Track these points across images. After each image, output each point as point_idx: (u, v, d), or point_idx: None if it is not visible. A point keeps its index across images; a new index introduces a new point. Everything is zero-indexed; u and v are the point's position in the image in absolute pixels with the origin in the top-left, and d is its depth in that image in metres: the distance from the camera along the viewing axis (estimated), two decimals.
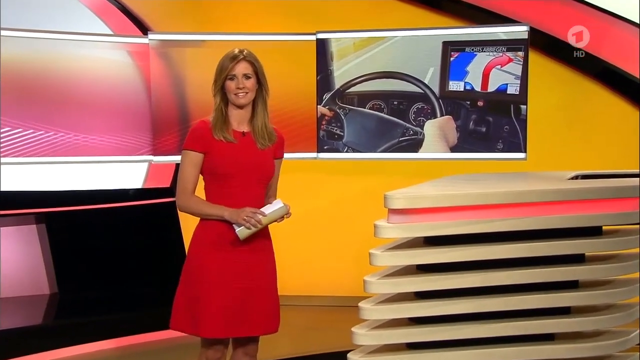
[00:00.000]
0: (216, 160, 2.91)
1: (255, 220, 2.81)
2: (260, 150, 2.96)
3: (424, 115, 5.34)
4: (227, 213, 2.86)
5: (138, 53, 5.27)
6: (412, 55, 5.31)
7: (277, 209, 2.82)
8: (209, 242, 2.91)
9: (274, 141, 3.01)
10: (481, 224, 3.04)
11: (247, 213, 2.82)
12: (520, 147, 5.17)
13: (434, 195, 3.15)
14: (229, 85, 2.93)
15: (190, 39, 5.33)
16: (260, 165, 2.95)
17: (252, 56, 2.96)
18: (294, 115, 5.43)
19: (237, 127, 2.97)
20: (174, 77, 5.34)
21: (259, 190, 2.96)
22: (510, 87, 5.18)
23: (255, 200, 2.89)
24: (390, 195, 3.16)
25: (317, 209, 5.77)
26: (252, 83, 2.94)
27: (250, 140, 2.96)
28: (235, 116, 2.97)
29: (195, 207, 2.92)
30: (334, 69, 5.43)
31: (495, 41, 5.19)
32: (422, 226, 3.14)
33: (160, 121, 5.30)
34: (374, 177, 5.61)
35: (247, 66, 2.94)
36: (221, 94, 2.95)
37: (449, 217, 3.08)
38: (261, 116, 2.98)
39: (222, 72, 2.93)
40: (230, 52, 2.95)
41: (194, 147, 2.93)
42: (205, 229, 2.94)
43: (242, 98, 2.93)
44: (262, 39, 5.32)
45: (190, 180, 2.93)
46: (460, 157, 5.29)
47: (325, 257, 5.77)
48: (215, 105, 2.95)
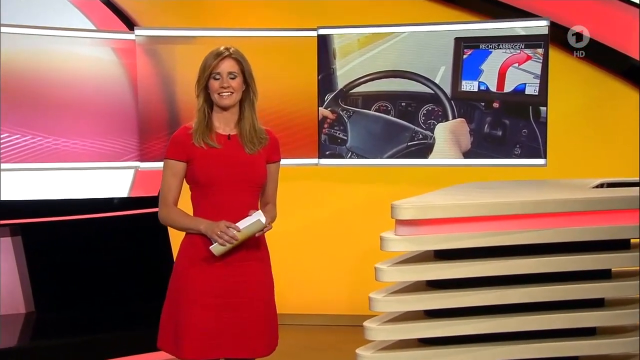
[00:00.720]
0: (198, 168, 2.90)
1: (229, 236, 2.80)
2: (249, 154, 2.94)
3: (434, 117, 5.33)
4: (203, 226, 2.86)
5: (123, 50, 5.27)
6: (422, 52, 5.30)
7: (253, 224, 2.80)
8: (194, 256, 2.90)
9: (264, 144, 2.99)
10: (497, 237, 3.03)
11: (221, 228, 2.81)
12: (540, 152, 5.15)
13: (445, 205, 3.14)
14: (213, 84, 2.92)
15: (180, 34, 5.33)
16: (249, 171, 2.93)
17: (238, 54, 2.95)
18: (293, 118, 5.42)
19: (222, 131, 2.96)
20: (162, 76, 5.33)
21: (250, 198, 2.94)
22: (529, 87, 5.17)
23: (246, 210, 2.87)
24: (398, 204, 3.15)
25: (317, 219, 5.76)
26: (238, 83, 2.93)
27: (237, 144, 2.95)
28: (219, 119, 2.96)
29: (175, 219, 2.93)
30: (336, 67, 5.42)
31: (513, 37, 5.18)
32: (432, 238, 3.14)
33: (147, 124, 5.29)
34: (380, 185, 5.59)
35: (232, 64, 2.93)
36: (204, 94, 2.94)
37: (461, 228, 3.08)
38: (249, 118, 2.96)
39: (205, 70, 2.92)
40: (215, 49, 2.94)
41: (174, 155, 2.93)
42: (190, 243, 2.93)
43: (227, 99, 2.91)
44: (258, 35, 5.31)
45: (171, 191, 2.93)
46: (474, 163, 5.27)
47: (326, 272, 5.76)
48: (198, 107, 2.95)
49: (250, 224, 2.81)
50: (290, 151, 5.34)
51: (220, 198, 2.90)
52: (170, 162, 2.93)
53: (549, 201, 3.12)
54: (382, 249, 3.30)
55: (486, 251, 3.11)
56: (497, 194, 3.44)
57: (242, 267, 2.91)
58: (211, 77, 2.91)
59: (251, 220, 2.82)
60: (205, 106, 2.94)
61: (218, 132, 2.95)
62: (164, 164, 2.96)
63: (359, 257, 5.47)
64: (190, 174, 2.92)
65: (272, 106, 5.29)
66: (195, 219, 2.90)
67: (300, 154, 5.44)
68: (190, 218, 2.91)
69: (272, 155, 3.03)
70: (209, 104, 2.95)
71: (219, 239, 2.81)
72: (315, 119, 5.47)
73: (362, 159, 5.46)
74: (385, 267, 3.22)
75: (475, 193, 3.55)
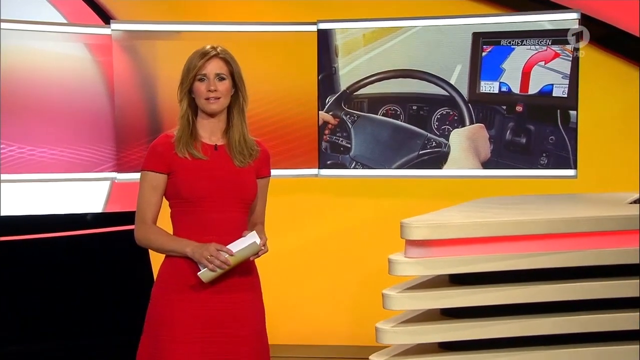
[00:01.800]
0: (181, 182, 2.89)
1: (220, 261, 2.78)
2: (238, 167, 2.94)
3: (449, 123, 5.32)
4: (189, 249, 2.84)
5: (98, 46, 5.27)
6: (435, 49, 5.29)
7: (248, 246, 2.78)
8: (177, 283, 2.88)
9: (255, 156, 2.98)
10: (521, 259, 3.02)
11: (212, 251, 2.79)
12: (569, 162, 5.14)
13: (462, 223, 3.13)
14: (198, 87, 2.92)
15: (162, 29, 5.32)
16: (239, 186, 2.92)
17: (227, 54, 2.95)
18: (290, 124, 5.42)
19: (207, 140, 2.95)
20: (142, 76, 5.33)
21: (238, 216, 2.93)
22: (557, 88, 5.16)
23: (235, 229, 2.86)
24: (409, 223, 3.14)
25: (316, 239, 5.75)
26: (227, 86, 2.93)
27: (224, 156, 2.94)
28: (205, 126, 2.96)
29: (155, 240, 2.91)
30: (338, 66, 5.42)
31: (538, 32, 5.17)
32: (447, 261, 3.13)
33: (125, 130, 5.29)
34: (388, 199, 5.58)
35: (220, 65, 2.92)
36: (188, 98, 2.94)
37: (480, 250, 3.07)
38: (238, 126, 2.96)
39: (189, 72, 2.92)
40: (201, 48, 2.94)
41: (154, 166, 2.91)
42: (172, 267, 2.91)
43: (214, 103, 2.91)
44: (250, 30, 5.31)
45: (150, 208, 2.92)
46: (495, 174, 5.26)
47: (326, 299, 5.74)
48: (181, 113, 2.94)
49: (244, 247, 2.79)
50: (287, 161, 5.33)
51: (206, 216, 2.88)
52: (149, 175, 2.92)
53: (580, 219, 3.10)
54: (390, 272, 3.29)
55: (509, 276, 3.09)
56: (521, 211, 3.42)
57: (232, 295, 2.90)
58: (196, 79, 2.91)
59: (245, 242, 2.80)
60: (189, 112, 2.94)
61: (204, 142, 2.94)
62: (141, 177, 2.94)
63: (363, 282, 5.46)
64: (172, 188, 2.91)
65: (265, 110, 5.29)
66: (180, 240, 2.88)
67: (297, 163, 5.43)
68: (174, 239, 2.89)
69: (263, 169, 3.02)
70: (193, 110, 2.95)
71: (208, 263, 2.79)
72: (314, 124, 5.46)
73: (367, 170, 5.45)
74: (394, 293, 3.21)
75: (496, 209, 3.54)
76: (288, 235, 5.52)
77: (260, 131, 5.14)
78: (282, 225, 5.39)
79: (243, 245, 2.79)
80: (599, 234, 3.10)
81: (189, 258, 2.85)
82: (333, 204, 5.76)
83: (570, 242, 3.08)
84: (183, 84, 2.93)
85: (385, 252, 3.48)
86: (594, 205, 3.55)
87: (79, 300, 5.41)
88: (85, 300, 5.42)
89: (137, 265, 5.35)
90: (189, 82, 2.91)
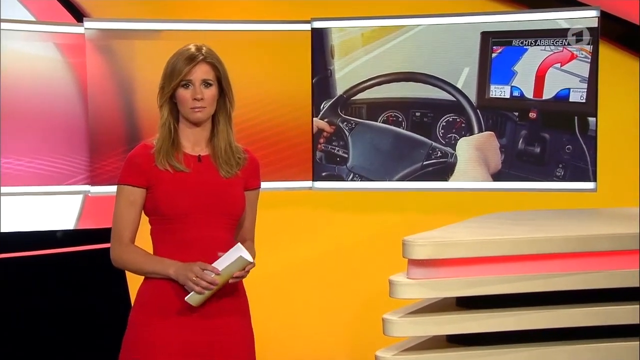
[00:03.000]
0: (161, 197, 2.89)
1: (206, 282, 2.78)
2: (225, 179, 2.94)
3: (456, 130, 5.32)
4: (173, 270, 2.84)
5: (70, 46, 5.25)
6: (441, 50, 5.30)
7: (234, 263, 2.78)
8: (158, 307, 2.88)
9: (242, 166, 2.99)
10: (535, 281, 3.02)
11: (197, 272, 2.79)
12: (588, 174, 5.14)
13: (470, 241, 3.14)
14: (182, 95, 2.92)
15: (140, 27, 5.32)
16: (225, 200, 2.92)
17: (213, 56, 2.95)
18: (281, 132, 5.41)
19: (190, 150, 2.96)
20: (118, 79, 5.32)
21: (225, 233, 2.93)
22: (574, 92, 5.17)
23: (222, 248, 2.86)
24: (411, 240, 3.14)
25: (310, 257, 5.74)
26: (213, 92, 2.93)
27: (209, 167, 2.95)
28: (188, 136, 2.96)
29: (133, 261, 2.91)
30: (334, 68, 5.42)
31: (554, 31, 5.18)
32: (454, 283, 3.13)
33: (99, 138, 5.27)
34: (389, 214, 5.58)
35: (207, 70, 2.93)
36: (170, 105, 2.94)
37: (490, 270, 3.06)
38: (224, 135, 2.96)
39: (173, 77, 2.91)
40: (185, 50, 2.93)
41: (131, 180, 2.91)
42: (152, 289, 2.91)
43: (200, 112, 2.91)
44: (238, 29, 5.30)
45: (127, 225, 2.92)
46: (506, 187, 5.25)
47: (321, 324, 5.73)
48: (162, 121, 2.94)
49: (230, 263, 2.79)
50: (277, 172, 5.33)
51: (190, 234, 2.89)
52: (125, 189, 2.92)
53: (600, 237, 3.11)
54: (391, 295, 3.28)
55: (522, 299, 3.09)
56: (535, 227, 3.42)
57: (221, 321, 2.90)
58: (180, 85, 2.91)
59: (231, 258, 2.80)
60: (171, 119, 2.94)
61: (186, 152, 2.95)
62: (117, 191, 2.94)
63: (362, 306, 5.45)
64: (151, 204, 2.91)
65: (254, 117, 5.29)
66: (161, 260, 2.88)
67: (289, 175, 5.43)
68: (155, 260, 2.89)
69: (252, 180, 3.03)
70: (175, 117, 2.95)
71: (195, 286, 2.79)
72: (308, 132, 5.46)
73: (366, 182, 5.45)
74: (396, 318, 3.21)
75: (507, 226, 3.54)
76: (279, 254, 5.52)
77: (248, 139, 5.13)
78: (272, 242, 5.38)
79: (229, 262, 2.79)
80: (620, 253, 3.11)
81: (172, 279, 2.85)
82: (328, 220, 5.75)
83: (589, 261, 3.09)
84: (164, 89, 2.93)
85: (386, 272, 3.48)
86: (615, 221, 3.55)
87: (47, 327, 5.39)
88: (54, 326, 5.40)
89: (112, 287, 5.35)
90: (172, 88, 2.91)
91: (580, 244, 3.10)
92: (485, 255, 3.11)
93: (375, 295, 3.85)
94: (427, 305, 3.33)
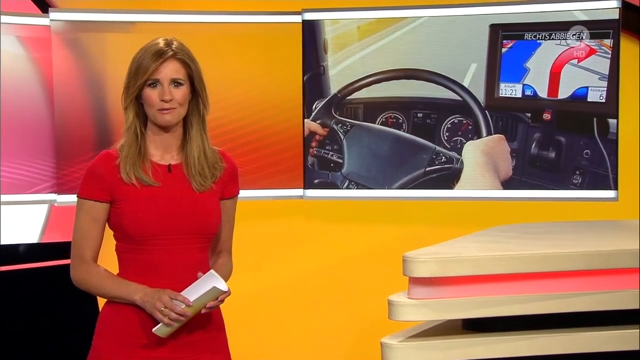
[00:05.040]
0: (127, 215, 2.85)
1: (176, 314, 2.75)
2: (198, 193, 2.91)
3: (462, 133, 5.33)
4: (139, 296, 2.81)
5: (34, 40, 5.26)
6: (445, 45, 5.30)
7: (207, 293, 2.74)
8: (120, 336, 2.85)
9: (218, 175, 2.96)
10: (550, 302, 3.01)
11: (165, 302, 2.76)
12: (608, 181, 5.14)
13: (477, 257, 3.13)
14: (149, 95, 2.88)
15: (112, 19, 5.32)
16: (198, 217, 2.89)
17: (185, 52, 2.91)
18: (269, 135, 5.42)
19: (159, 159, 2.93)
20: (88, 76, 5.32)
21: (197, 255, 2.91)
22: (593, 91, 5.17)
23: (194, 270, 2.84)
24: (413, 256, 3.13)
25: (301, 274, 5.73)
26: (184, 93, 2.89)
27: (181, 179, 2.91)
28: (156, 142, 2.93)
29: (96, 283, 2.88)
30: (328, 65, 5.42)
31: (570, 23, 5.19)
32: (459, 304, 3.12)
33: (67, 142, 5.27)
34: (388, 226, 5.58)
35: (177, 67, 2.89)
36: (136, 107, 2.91)
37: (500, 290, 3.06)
38: (197, 141, 2.93)
39: (138, 75, 2.88)
40: (153, 44, 2.89)
41: (92, 194, 2.88)
42: (113, 315, 2.88)
43: (168, 114, 2.88)
44: (220, 21, 5.30)
45: (89, 243, 2.89)
46: (517, 196, 5.26)
47: (312, 348, 5.72)
48: (127, 125, 2.91)
49: (203, 294, 2.76)
50: (265, 179, 5.32)
51: (158, 257, 2.85)
52: (87, 204, 2.88)
53: (622, 252, 3.10)
54: (390, 317, 3.28)
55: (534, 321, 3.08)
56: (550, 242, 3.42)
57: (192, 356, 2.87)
58: (147, 84, 2.87)
59: (204, 287, 2.76)
60: (137, 123, 2.90)
61: (154, 161, 2.91)
62: (78, 205, 2.91)
63: (358, 328, 5.45)
64: (115, 220, 2.87)
65: (239, 119, 5.28)
66: (127, 284, 2.84)
67: (278, 183, 5.43)
68: (120, 283, 2.85)
69: (229, 187, 3.00)
70: (141, 120, 2.91)
71: (163, 317, 2.77)
72: (299, 134, 5.46)
73: (363, 191, 5.45)
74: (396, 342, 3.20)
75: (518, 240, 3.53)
76: (265, 270, 5.51)
77: (232, 144, 5.15)
78: (258, 257, 5.37)
79: (201, 292, 2.75)
80: None
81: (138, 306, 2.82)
82: (321, 232, 5.75)
83: (610, 280, 3.08)
84: (129, 88, 2.89)
85: (385, 291, 3.47)
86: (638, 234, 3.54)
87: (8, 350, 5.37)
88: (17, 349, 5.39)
89: (80, 307, 5.31)
90: (137, 87, 2.88)
91: (600, 261, 3.09)
92: (495, 273, 3.10)
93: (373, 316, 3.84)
94: (430, 328, 3.32)
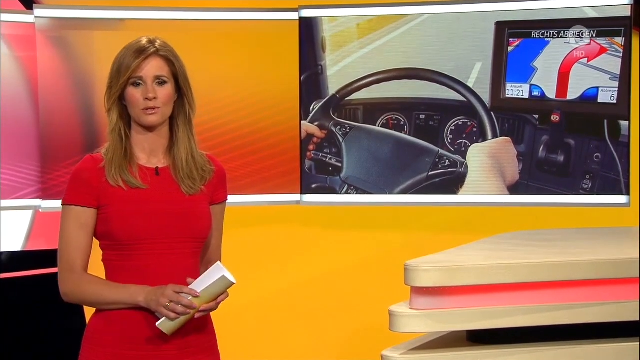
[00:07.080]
0: (114, 220, 2.86)
1: (183, 306, 2.76)
2: (188, 195, 2.92)
3: (467, 136, 5.33)
4: (143, 296, 2.81)
5: (18, 38, 5.26)
6: (449, 43, 5.31)
7: (215, 283, 2.75)
8: (110, 341, 2.86)
9: (208, 178, 2.97)
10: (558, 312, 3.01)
11: (170, 295, 2.76)
12: (620, 186, 5.15)
13: (482, 265, 3.13)
14: (132, 94, 2.89)
15: (100, 16, 5.32)
16: (189, 221, 2.90)
17: (168, 50, 2.93)
18: (265, 137, 5.42)
19: (146, 162, 2.93)
20: (74, 75, 5.33)
21: (190, 259, 2.92)
22: (604, 92, 5.18)
23: (185, 275, 2.84)
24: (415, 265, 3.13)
25: (298, 283, 5.74)
26: (168, 91, 2.91)
27: (169, 181, 2.92)
28: (142, 144, 2.94)
29: (91, 292, 2.87)
30: (326, 64, 5.43)
31: (579, 21, 5.19)
32: (464, 314, 3.12)
33: (52, 144, 5.28)
34: (389, 233, 5.59)
35: (160, 65, 2.90)
36: (119, 108, 2.92)
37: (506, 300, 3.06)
38: (185, 143, 2.94)
39: (120, 74, 2.89)
40: (135, 42, 2.90)
41: (79, 199, 2.88)
42: (104, 321, 2.88)
43: (152, 114, 2.89)
44: (214, 19, 5.29)
45: (78, 252, 2.88)
46: (525, 201, 5.27)
47: (308, 359, 5.72)
48: (111, 127, 2.92)
49: (211, 283, 2.76)
50: (260, 184, 5.32)
51: (148, 262, 2.86)
52: (74, 210, 2.88)
53: (634, 260, 3.10)
54: (391, 328, 3.28)
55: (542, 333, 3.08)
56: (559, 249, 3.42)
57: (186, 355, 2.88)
58: (129, 83, 2.89)
59: (212, 277, 2.77)
60: (121, 124, 2.91)
61: (141, 164, 2.92)
62: (63, 212, 2.90)
63: (357, 340, 5.45)
64: (102, 226, 2.88)
65: (232, 121, 5.28)
66: (126, 287, 2.84)
67: (274, 187, 5.44)
68: (118, 287, 2.84)
69: (218, 192, 3.01)
70: (126, 122, 2.92)
71: (170, 313, 2.77)
72: (296, 137, 5.47)
73: (362, 196, 5.45)
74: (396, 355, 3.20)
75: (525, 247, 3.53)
76: (261, 280, 5.51)
77: (225, 147, 5.15)
78: (253, 266, 5.37)
79: (209, 282, 2.76)
80: None
81: (133, 309, 2.82)
82: (318, 239, 5.76)
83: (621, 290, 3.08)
84: (112, 89, 2.90)
85: (386, 301, 3.47)
86: None
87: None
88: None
89: (66, 318, 5.32)
90: (120, 87, 2.89)
91: (611, 270, 3.09)
92: (500, 282, 3.09)
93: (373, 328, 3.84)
94: (433, 340, 3.32)
